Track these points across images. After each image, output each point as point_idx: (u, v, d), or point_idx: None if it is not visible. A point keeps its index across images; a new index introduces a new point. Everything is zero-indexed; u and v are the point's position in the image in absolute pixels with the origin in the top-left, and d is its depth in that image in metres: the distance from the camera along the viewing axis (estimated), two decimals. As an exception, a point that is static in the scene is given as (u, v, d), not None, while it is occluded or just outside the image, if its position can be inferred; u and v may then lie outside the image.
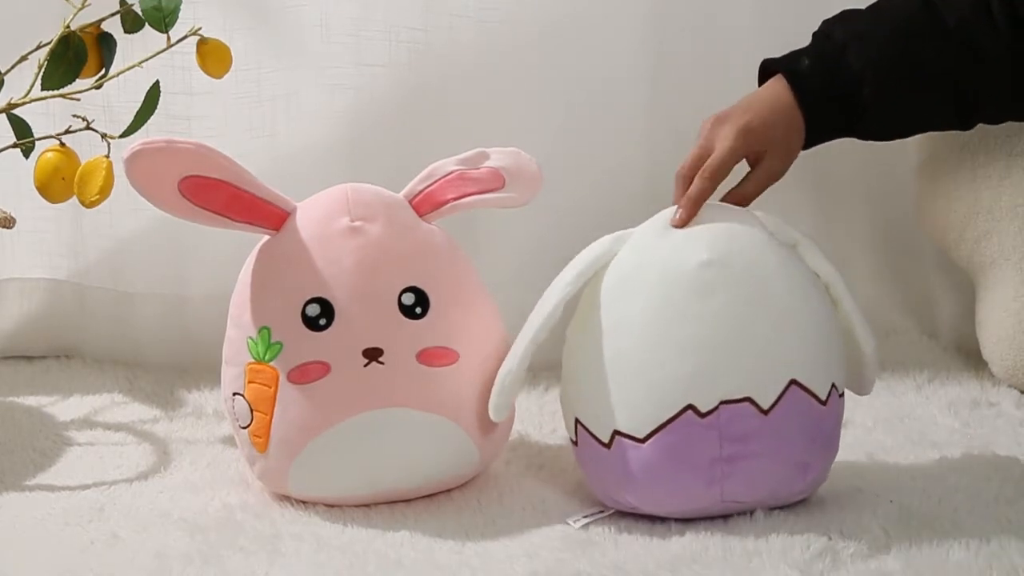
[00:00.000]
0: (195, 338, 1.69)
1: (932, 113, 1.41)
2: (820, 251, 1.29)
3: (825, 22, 1.41)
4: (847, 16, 1.41)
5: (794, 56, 1.39)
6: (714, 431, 1.19)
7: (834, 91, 1.36)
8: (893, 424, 1.50)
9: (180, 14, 1.38)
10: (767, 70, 1.41)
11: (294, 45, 1.66)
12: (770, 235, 1.27)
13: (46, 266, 1.74)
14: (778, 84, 1.38)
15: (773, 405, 1.20)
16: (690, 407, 1.19)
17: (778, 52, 1.72)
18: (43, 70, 1.38)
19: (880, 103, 1.37)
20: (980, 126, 1.48)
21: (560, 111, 1.69)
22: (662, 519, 1.23)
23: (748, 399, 1.20)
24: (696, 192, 1.27)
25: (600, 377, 1.22)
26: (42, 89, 1.38)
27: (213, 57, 1.39)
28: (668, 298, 1.21)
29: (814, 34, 1.41)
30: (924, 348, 1.74)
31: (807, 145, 1.39)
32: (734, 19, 1.70)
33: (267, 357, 1.26)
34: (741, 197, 1.33)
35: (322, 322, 1.25)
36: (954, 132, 1.54)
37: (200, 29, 1.38)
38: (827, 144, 1.59)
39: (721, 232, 1.25)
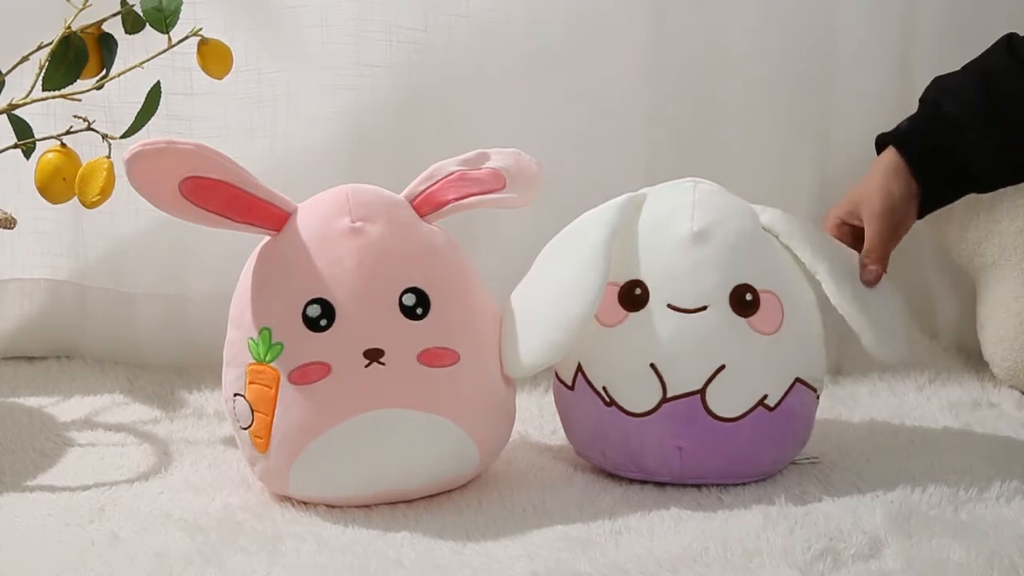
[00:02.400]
0: (196, 339, 1.69)
1: None
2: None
3: (923, 93, 1.47)
4: (939, 79, 1.46)
5: (898, 125, 1.46)
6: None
7: (937, 143, 1.40)
8: (893, 424, 1.50)
9: (181, 15, 1.38)
10: (881, 145, 1.46)
11: (294, 46, 1.66)
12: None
13: (47, 266, 1.74)
14: (887, 156, 1.43)
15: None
16: None
17: (778, 53, 1.73)
18: (44, 71, 1.38)
19: (984, 143, 1.40)
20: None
21: (560, 111, 1.69)
22: (662, 519, 1.24)
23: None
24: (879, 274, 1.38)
25: None
26: (43, 90, 1.39)
27: (214, 58, 1.39)
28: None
29: (919, 103, 1.47)
30: (925, 348, 1.74)
31: (925, 210, 1.45)
32: (734, 20, 1.70)
33: (268, 358, 1.26)
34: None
35: (323, 323, 1.25)
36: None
37: (201, 30, 1.38)
38: (827, 144, 1.60)
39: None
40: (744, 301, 1.29)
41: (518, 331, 1.31)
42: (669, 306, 1.29)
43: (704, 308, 1.28)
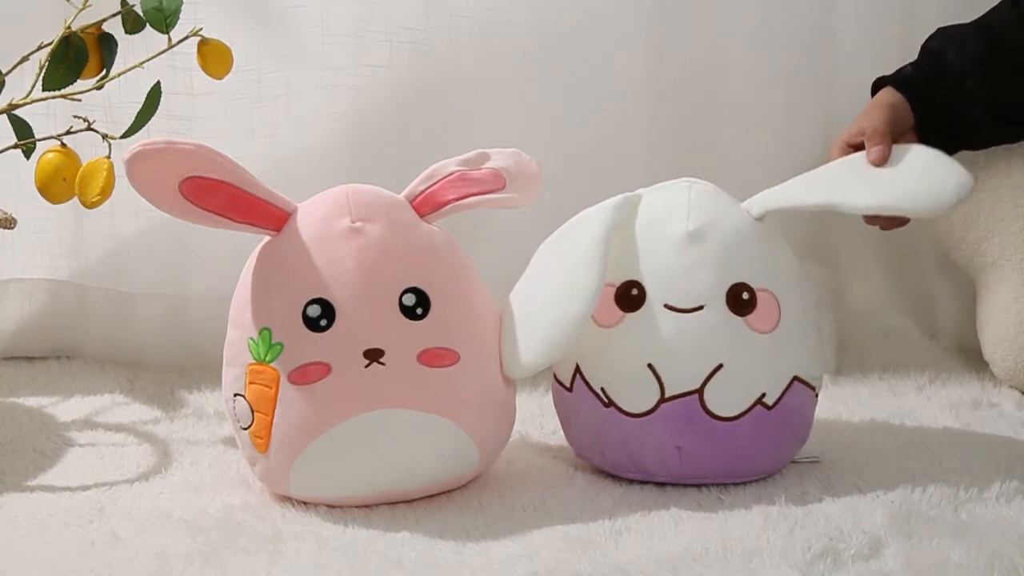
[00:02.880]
0: (196, 339, 1.69)
1: None
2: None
3: (924, 41, 1.47)
4: (943, 29, 1.46)
5: (900, 69, 1.45)
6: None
7: (941, 91, 1.40)
8: (893, 424, 1.50)
9: (181, 15, 1.38)
10: (878, 86, 1.45)
11: (295, 46, 1.66)
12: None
13: (47, 267, 1.74)
14: (888, 91, 1.42)
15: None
16: None
17: (778, 54, 1.73)
18: (44, 71, 1.38)
19: (983, 94, 1.40)
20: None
21: (560, 111, 1.69)
22: (662, 519, 1.24)
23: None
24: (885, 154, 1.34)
25: None
26: (43, 90, 1.39)
27: (214, 58, 1.39)
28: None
29: (919, 51, 1.46)
30: (925, 349, 1.75)
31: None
32: (734, 19, 1.70)
33: (268, 358, 1.26)
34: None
35: (323, 323, 1.25)
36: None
37: (201, 30, 1.38)
38: (827, 145, 1.59)
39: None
40: (741, 300, 1.29)
41: (517, 331, 1.31)
42: (666, 306, 1.29)
43: (701, 308, 1.29)
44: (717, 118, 1.72)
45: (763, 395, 1.29)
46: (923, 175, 1.32)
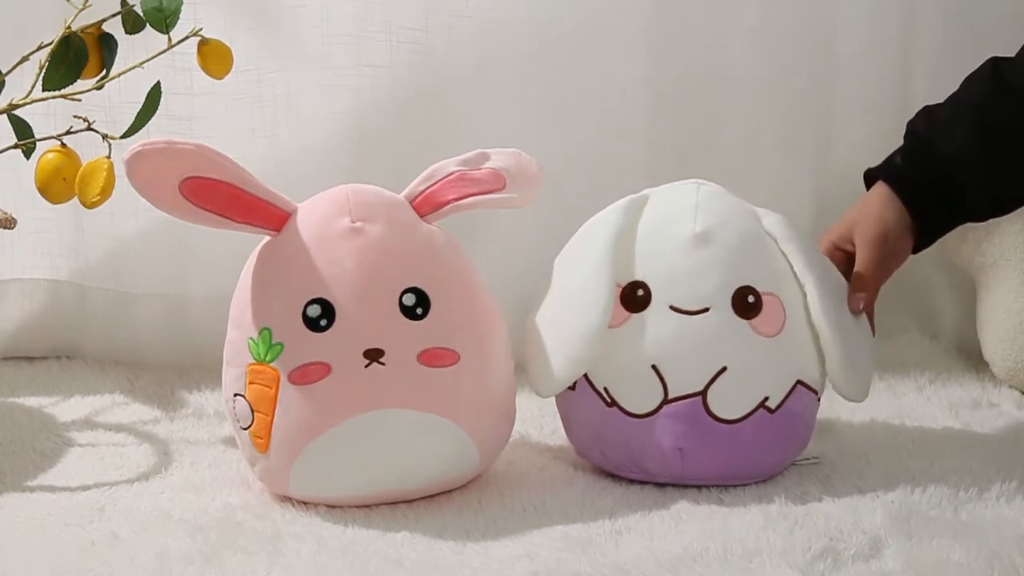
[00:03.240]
0: (196, 339, 1.69)
1: None
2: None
3: (909, 122, 1.45)
4: (928, 110, 1.44)
5: (889, 158, 1.43)
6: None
7: (931, 179, 1.39)
8: (894, 424, 1.50)
9: (181, 15, 1.38)
10: (869, 180, 1.44)
11: (295, 46, 1.66)
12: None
13: (47, 267, 1.74)
14: (881, 188, 1.41)
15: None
16: None
17: (778, 54, 1.73)
18: (44, 71, 1.38)
19: (976, 179, 1.39)
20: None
21: (560, 111, 1.69)
22: (662, 519, 1.24)
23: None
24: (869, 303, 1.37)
25: None
26: (43, 90, 1.39)
27: (214, 58, 1.39)
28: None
29: (904, 135, 1.44)
30: (925, 349, 1.75)
31: (922, 244, 1.43)
32: (734, 20, 1.70)
33: (268, 358, 1.26)
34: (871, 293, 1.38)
35: (323, 323, 1.25)
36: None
37: (201, 30, 1.38)
38: (827, 145, 1.60)
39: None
40: (746, 303, 1.29)
41: (541, 352, 1.32)
42: (671, 307, 1.29)
43: (706, 310, 1.29)
44: (717, 118, 1.72)
45: (766, 398, 1.29)
46: (863, 356, 1.34)
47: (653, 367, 1.28)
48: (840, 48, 1.72)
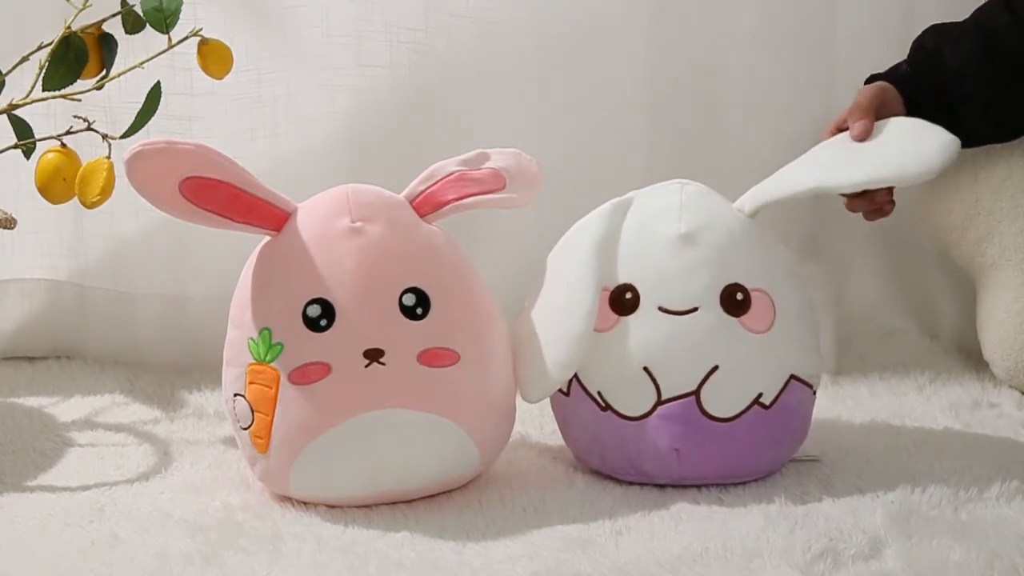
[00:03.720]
0: (196, 339, 1.69)
1: None
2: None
3: (916, 38, 1.46)
4: (937, 28, 1.46)
5: (895, 66, 1.44)
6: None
7: (936, 90, 1.40)
8: (894, 424, 1.50)
9: (181, 15, 1.38)
10: (871, 82, 1.44)
11: (295, 46, 1.66)
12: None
13: (47, 267, 1.74)
14: (881, 83, 1.42)
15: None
16: None
17: (778, 54, 1.73)
18: (44, 71, 1.38)
19: (980, 94, 1.40)
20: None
21: (560, 112, 1.69)
22: (662, 519, 1.24)
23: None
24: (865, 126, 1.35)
25: None
26: (43, 90, 1.39)
27: (214, 58, 1.39)
28: None
29: (910, 49, 1.45)
30: (925, 349, 1.75)
31: None
32: (734, 20, 1.70)
33: (268, 358, 1.26)
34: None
35: (323, 323, 1.25)
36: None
37: (201, 30, 1.38)
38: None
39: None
40: (735, 300, 1.29)
41: (527, 358, 1.32)
42: (660, 309, 1.29)
43: (695, 309, 1.29)
44: (717, 118, 1.72)
45: (760, 395, 1.29)
46: (905, 143, 1.32)
47: (645, 369, 1.28)
48: (840, 48, 1.72)
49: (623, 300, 1.30)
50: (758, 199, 1.33)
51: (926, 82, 1.41)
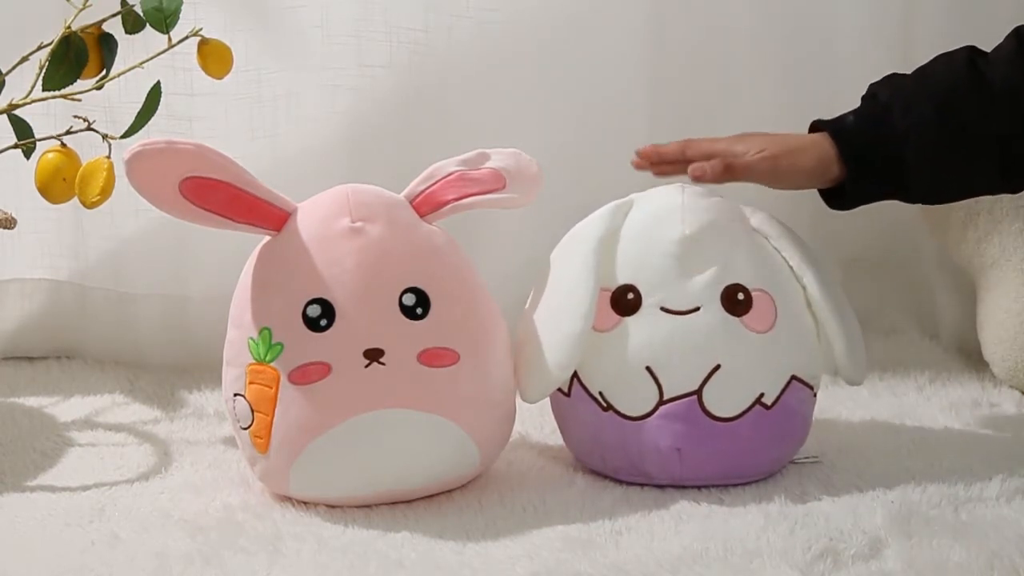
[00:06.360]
0: (196, 339, 1.69)
1: (978, 175, 1.39)
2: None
3: (872, 85, 1.42)
4: (893, 79, 1.41)
5: (841, 116, 1.40)
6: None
7: (878, 150, 1.36)
8: (894, 424, 1.50)
9: (181, 15, 1.38)
10: (815, 130, 1.41)
11: (295, 46, 1.66)
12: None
13: (47, 267, 1.74)
14: (823, 138, 1.38)
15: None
16: None
17: (777, 54, 1.73)
18: (44, 71, 1.38)
19: (923, 164, 1.36)
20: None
21: (560, 112, 1.69)
22: (662, 519, 1.24)
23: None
24: (713, 173, 1.35)
25: None
26: (43, 90, 1.38)
27: (214, 58, 1.39)
28: None
29: (862, 97, 1.41)
30: (925, 349, 1.75)
31: (849, 205, 1.40)
32: (734, 20, 1.70)
33: (268, 358, 1.26)
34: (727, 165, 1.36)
35: (323, 323, 1.25)
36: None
37: (201, 30, 1.38)
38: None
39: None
40: (736, 300, 1.29)
41: (526, 359, 1.32)
42: (662, 309, 1.29)
43: (697, 309, 1.29)
44: (717, 118, 1.71)
45: (762, 395, 1.29)
46: (861, 340, 1.35)
47: (647, 369, 1.28)
48: (840, 48, 1.72)
49: (625, 300, 1.30)
50: (764, 227, 1.35)
51: (871, 138, 1.37)
